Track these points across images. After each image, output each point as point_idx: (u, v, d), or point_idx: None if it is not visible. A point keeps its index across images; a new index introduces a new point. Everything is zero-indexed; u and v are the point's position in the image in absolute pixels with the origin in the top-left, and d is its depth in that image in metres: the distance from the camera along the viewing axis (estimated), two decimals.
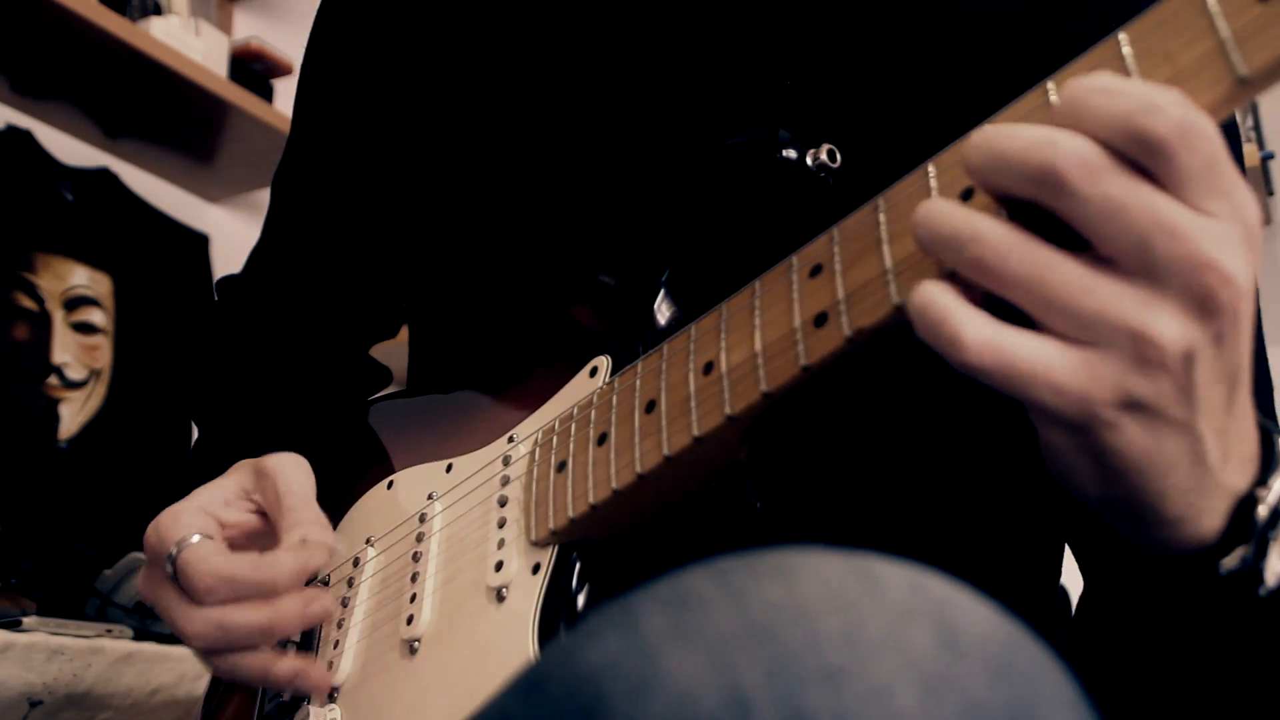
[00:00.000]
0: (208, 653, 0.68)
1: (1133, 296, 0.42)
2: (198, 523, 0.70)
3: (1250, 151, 1.88)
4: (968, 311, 0.44)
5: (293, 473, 0.71)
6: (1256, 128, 1.99)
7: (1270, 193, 1.99)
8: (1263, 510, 0.47)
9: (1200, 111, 0.42)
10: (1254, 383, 0.49)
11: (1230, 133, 0.74)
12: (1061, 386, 0.43)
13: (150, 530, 0.71)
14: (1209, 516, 0.47)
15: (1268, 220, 2.02)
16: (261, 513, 0.73)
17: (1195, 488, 0.46)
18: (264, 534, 0.72)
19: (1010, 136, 0.43)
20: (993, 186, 0.44)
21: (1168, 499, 0.46)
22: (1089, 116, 0.42)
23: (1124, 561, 0.58)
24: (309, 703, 0.72)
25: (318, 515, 0.70)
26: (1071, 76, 0.46)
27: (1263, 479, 0.47)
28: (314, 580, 0.77)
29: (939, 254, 0.45)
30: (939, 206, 0.45)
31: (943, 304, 0.44)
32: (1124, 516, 0.48)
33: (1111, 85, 0.43)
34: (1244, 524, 0.47)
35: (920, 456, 0.70)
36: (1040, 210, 0.44)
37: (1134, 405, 0.43)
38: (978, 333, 0.43)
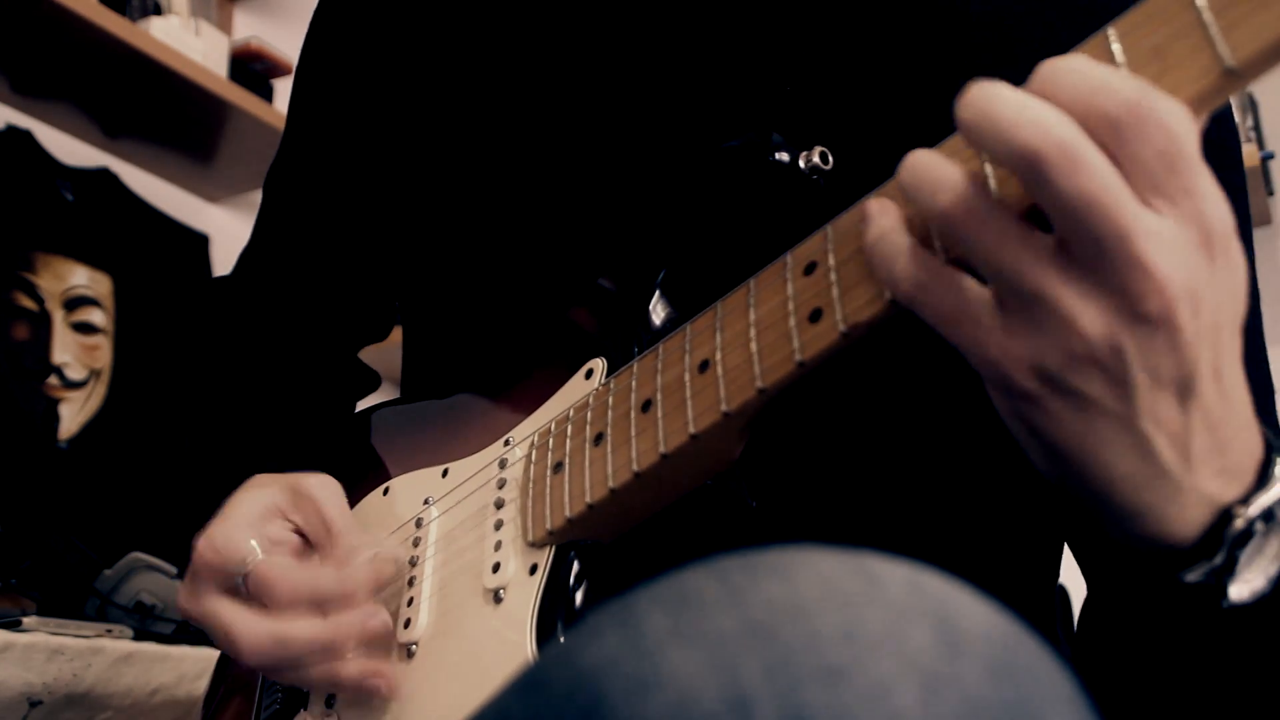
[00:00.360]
0: (263, 667, 0.67)
1: (1075, 285, 0.43)
2: (256, 537, 0.69)
3: (1250, 151, 1.88)
4: (907, 240, 0.47)
5: (332, 495, 0.70)
6: (1256, 128, 1.99)
7: (1270, 193, 1.99)
8: (1238, 524, 0.46)
9: (1168, 102, 0.42)
10: (1253, 387, 0.50)
11: (1228, 132, 0.74)
12: (981, 340, 0.45)
13: (204, 545, 0.69)
14: (1176, 521, 0.47)
15: (1268, 220, 2.02)
16: (298, 533, 0.72)
17: (1151, 486, 0.46)
18: (304, 554, 0.72)
19: (1004, 102, 0.43)
20: (975, 146, 0.45)
21: (1116, 489, 0.46)
22: (1058, 94, 0.43)
23: (1107, 562, 0.58)
24: (306, 709, 0.72)
25: (369, 536, 0.71)
26: None
27: (1251, 495, 0.47)
28: None
29: (913, 199, 0.46)
30: (923, 156, 0.46)
31: (884, 225, 0.48)
32: (1085, 502, 0.49)
33: (1080, 65, 0.43)
34: (1218, 536, 0.47)
35: (916, 455, 0.70)
36: None
37: (1056, 385, 0.44)
38: (915, 257, 0.47)
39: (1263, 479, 0.47)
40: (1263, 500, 0.47)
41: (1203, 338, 0.43)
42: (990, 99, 0.43)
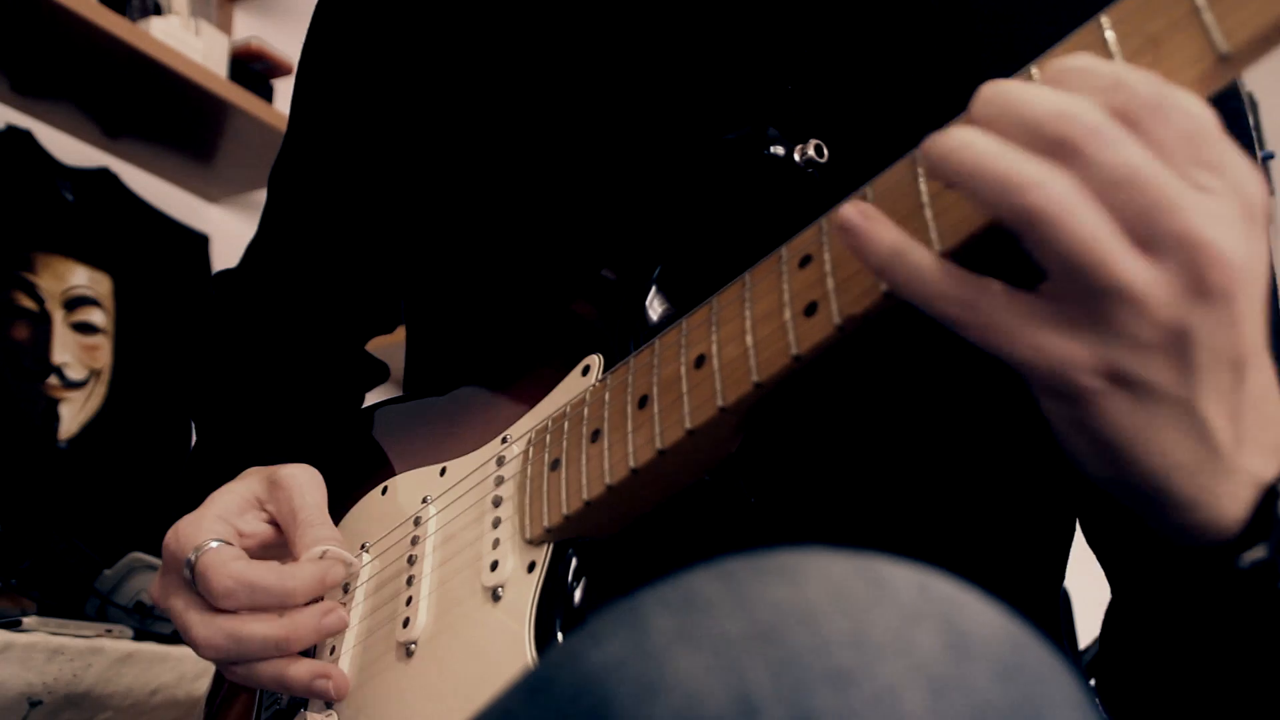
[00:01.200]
0: (217, 662, 0.68)
1: (1132, 270, 0.41)
2: (218, 529, 0.69)
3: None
4: (926, 254, 0.45)
5: (306, 485, 0.71)
6: (1257, 128, 1.99)
7: (1271, 193, 1.99)
8: None
9: (1180, 91, 0.42)
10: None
11: (1236, 111, 0.74)
12: (1038, 345, 0.43)
13: (170, 536, 0.70)
14: (1229, 502, 0.46)
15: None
16: (274, 524, 0.72)
17: (1205, 470, 0.45)
18: (277, 545, 0.72)
19: (1032, 99, 0.42)
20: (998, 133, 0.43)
21: (1173, 480, 0.45)
22: (1072, 90, 0.42)
23: (1148, 558, 0.57)
24: (306, 709, 0.72)
25: (332, 531, 0.71)
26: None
27: None
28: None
29: (999, 201, 0.42)
30: (966, 135, 0.43)
31: (892, 242, 0.45)
32: (1136, 498, 0.47)
33: (1088, 64, 0.43)
34: (1269, 515, 0.46)
35: (917, 451, 0.70)
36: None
37: (1120, 378, 0.43)
38: (945, 272, 0.44)
39: None
40: None
41: (1253, 314, 0.43)
42: (1009, 95, 0.42)
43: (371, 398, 0.94)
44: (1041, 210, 0.41)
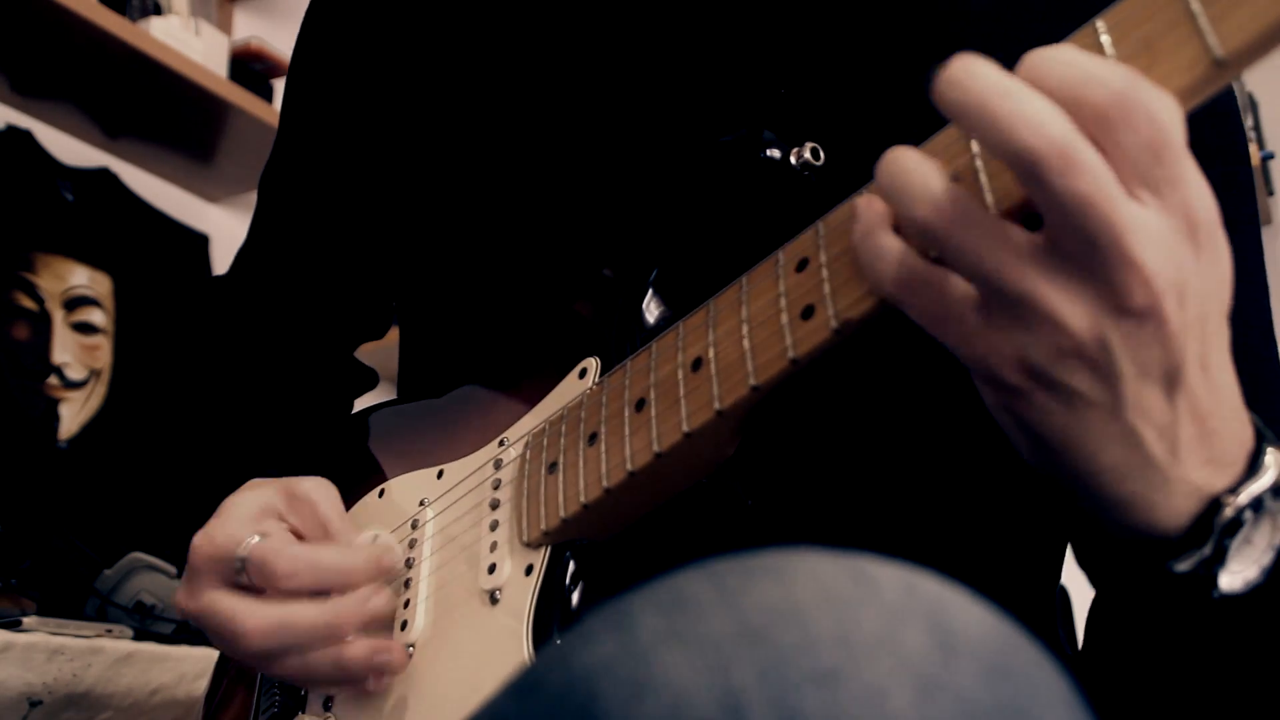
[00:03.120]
0: (267, 656, 0.66)
1: (1061, 282, 0.43)
2: (252, 529, 0.69)
3: (1250, 151, 1.87)
4: (892, 239, 0.47)
5: (327, 495, 0.70)
6: (1256, 128, 1.99)
7: (1270, 193, 1.99)
8: (1226, 513, 0.46)
9: (1154, 93, 0.42)
10: (1260, 380, 0.49)
11: (1234, 126, 0.74)
12: (967, 338, 0.46)
13: (200, 540, 0.69)
14: (1165, 512, 0.47)
15: (1268, 220, 2.02)
16: (295, 533, 0.71)
17: (1135, 476, 0.46)
18: None
19: (997, 94, 0.42)
20: (966, 132, 0.45)
21: (1103, 481, 0.47)
22: (1046, 83, 0.42)
23: (1102, 556, 0.58)
24: (304, 711, 0.72)
25: (363, 535, 0.71)
26: None
27: (1240, 484, 0.47)
28: None
29: (892, 202, 0.46)
30: (902, 156, 0.46)
31: (868, 223, 0.48)
32: (1073, 491, 0.49)
33: (1068, 55, 0.43)
34: (1207, 526, 0.47)
35: (914, 453, 0.70)
36: None
37: (1042, 379, 0.45)
38: (899, 258, 0.47)
39: (1253, 468, 0.47)
40: (1252, 489, 0.47)
41: (1189, 329, 0.44)
42: (981, 88, 0.42)
43: (360, 404, 0.94)
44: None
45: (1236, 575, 0.47)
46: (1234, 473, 0.47)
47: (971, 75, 0.43)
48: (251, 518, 0.69)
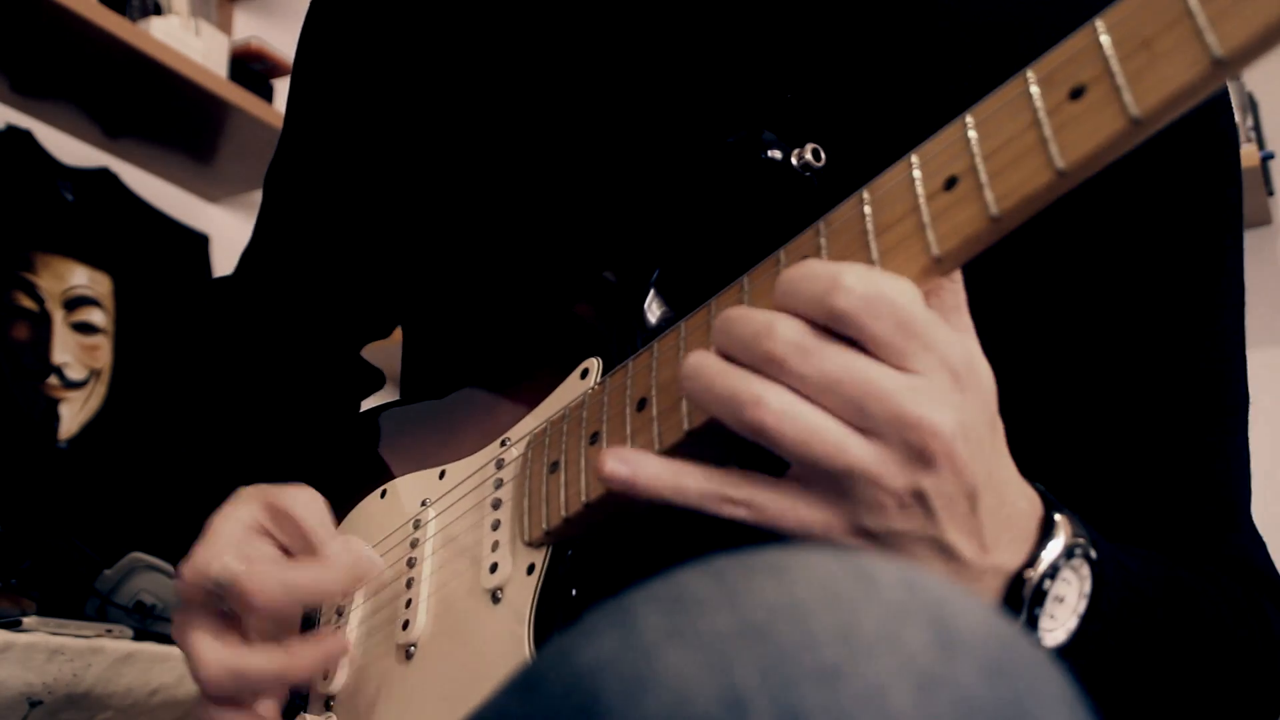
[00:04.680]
0: (223, 700, 0.66)
1: (860, 453, 0.48)
2: (237, 556, 0.67)
3: (1250, 152, 1.87)
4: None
5: (308, 505, 0.69)
6: (1256, 128, 1.99)
7: (1270, 193, 1.99)
8: (1028, 588, 0.52)
9: (890, 282, 0.48)
10: (1231, 395, 0.55)
11: (1228, 134, 0.74)
12: (802, 518, 0.50)
13: (187, 569, 0.68)
14: (984, 597, 0.52)
15: (1268, 220, 2.02)
16: (283, 549, 0.71)
17: (956, 577, 0.51)
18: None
19: (742, 320, 0.50)
20: (725, 353, 0.51)
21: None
22: (796, 300, 0.49)
23: None
24: (306, 711, 0.72)
25: (350, 540, 0.70)
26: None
27: (1036, 554, 0.53)
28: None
29: (722, 413, 0.51)
30: (707, 361, 0.51)
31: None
32: None
33: (810, 270, 0.49)
34: (1016, 598, 0.52)
35: None
36: None
37: (871, 535, 0.50)
38: (709, 476, 0.53)
39: (1046, 533, 0.53)
40: (1045, 557, 0.52)
41: (975, 455, 0.49)
42: (731, 319, 0.50)
43: (368, 404, 0.94)
44: (761, 422, 0.48)
45: (1059, 629, 0.53)
46: (1030, 543, 0.53)
47: (725, 315, 0.50)
48: (236, 539, 0.69)
